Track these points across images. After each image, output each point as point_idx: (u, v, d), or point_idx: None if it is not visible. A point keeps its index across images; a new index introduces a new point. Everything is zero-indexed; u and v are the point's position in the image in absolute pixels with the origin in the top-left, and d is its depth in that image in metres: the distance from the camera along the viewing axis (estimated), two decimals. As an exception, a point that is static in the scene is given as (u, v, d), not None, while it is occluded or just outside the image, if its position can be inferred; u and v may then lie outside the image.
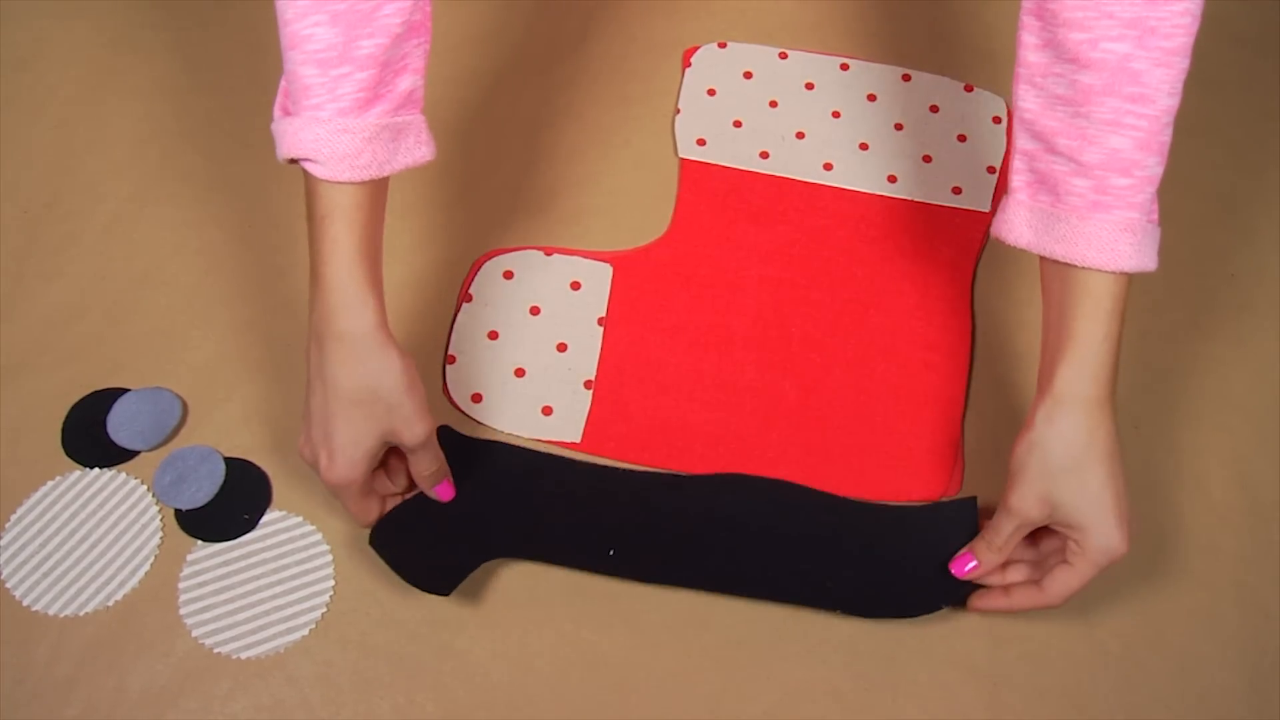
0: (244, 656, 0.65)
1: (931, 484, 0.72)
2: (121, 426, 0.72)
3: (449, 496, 0.67)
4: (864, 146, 0.86)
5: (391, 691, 0.64)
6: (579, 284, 0.79)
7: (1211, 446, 0.74)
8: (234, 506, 0.69)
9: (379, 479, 0.67)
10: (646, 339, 0.77)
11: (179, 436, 0.72)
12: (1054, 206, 0.60)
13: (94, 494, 0.70)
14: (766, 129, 0.87)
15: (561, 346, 0.76)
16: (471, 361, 0.76)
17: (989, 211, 0.83)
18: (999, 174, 0.85)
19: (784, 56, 0.91)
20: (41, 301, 0.77)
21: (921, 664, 0.66)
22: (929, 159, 0.85)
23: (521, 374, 0.75)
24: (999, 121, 0.87)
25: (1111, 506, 0.60)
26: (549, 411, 0.74)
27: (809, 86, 0.89)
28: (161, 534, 0.69)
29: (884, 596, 0.67)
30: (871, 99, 0.89)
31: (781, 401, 0.75)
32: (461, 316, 0.78)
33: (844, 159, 0.85)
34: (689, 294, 0.79)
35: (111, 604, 0.66)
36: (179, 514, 0.69)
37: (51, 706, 0.63)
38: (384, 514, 0.67)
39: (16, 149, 0.84)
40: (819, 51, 0.91)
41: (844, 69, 0.90)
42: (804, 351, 0.77)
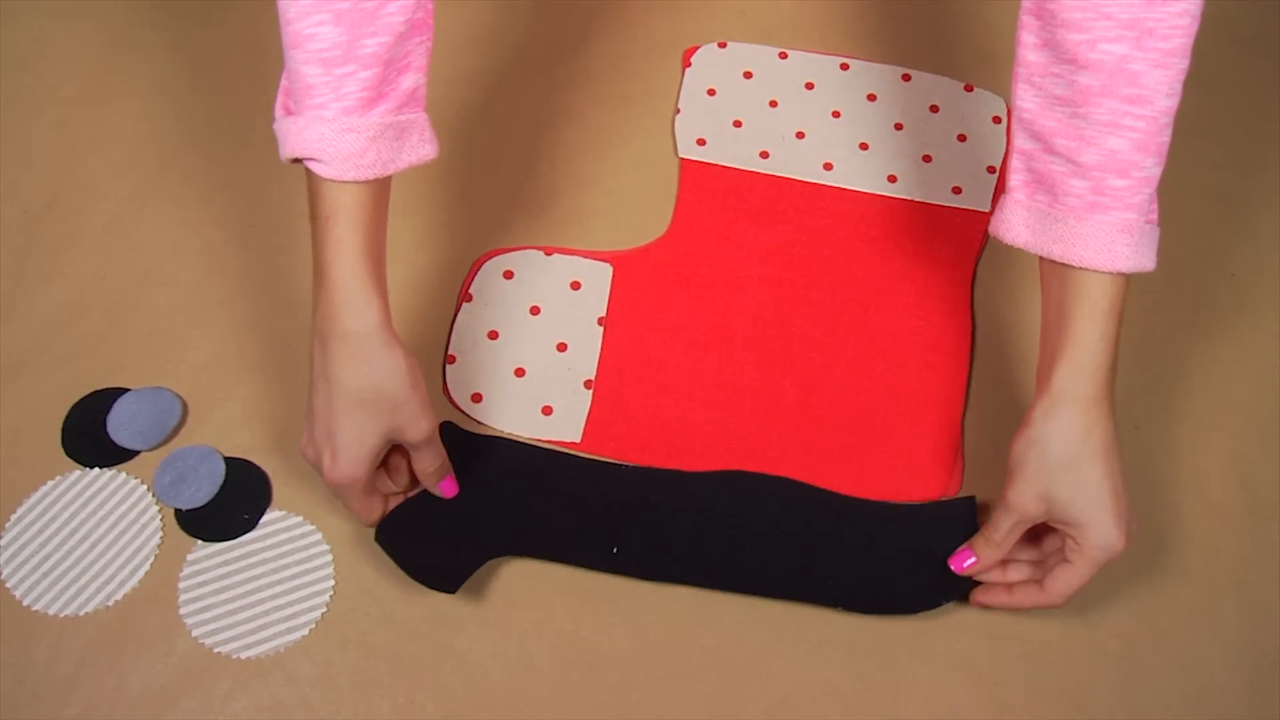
0: (244, 656, 0.65)
1: (931, 484, 0.72)
2: (121, 426, 0.72)
3: (452, 493, 0.67)
4: (864, 146, 0.86)
5: (391, 691, 0.64)
6: (579, 284, 0.79)
7: (1211, 446, 0.74)
8: (234, 506, 0.70)
9: (381, 478, 0.67)
10: (646, 339, 0.77)
11: (179, 436, 0.72)
12: (1052, 207, 0.61)
13: (94, 494, 0.70)
14: (766, 129, 0.87)
15: (561, 346, 0.76)
16: (471, 361, 0.76)
17: (989, 211, 0.83)
18: (999, 174, 0.85)
19: (784, 56, 0.91)
20: (41, 301, 0.77)
21: (921, 664, 0.66)
22: (929, 159, 0.85)
23: (521, 374, 0.75)
24: (999, 121, 0.87)
25: (1109, 503, 0.60)
26: (549, 411, 0.74)
27: (809, 86, 0.89)
28: (161, 534, 0.69)
29: (884, 592, 0.67)
30: (871, 99, 0.89)
31: (781, 401, 0.75)
32: (461, 316, 0.78)
33: (844, 159, 0.85)
34: (689, 294, 0.79)
35: (111, 604, 0.66)
36: (179, 514, 0.69)
37: (51, 706, 0.63)
38: (386, 513, 0.67)
39: (16, 149, 0.84)
40: (819, 51, 0.91)
41: (844, 69, 0.90)
42: (804, 351, 0.77)
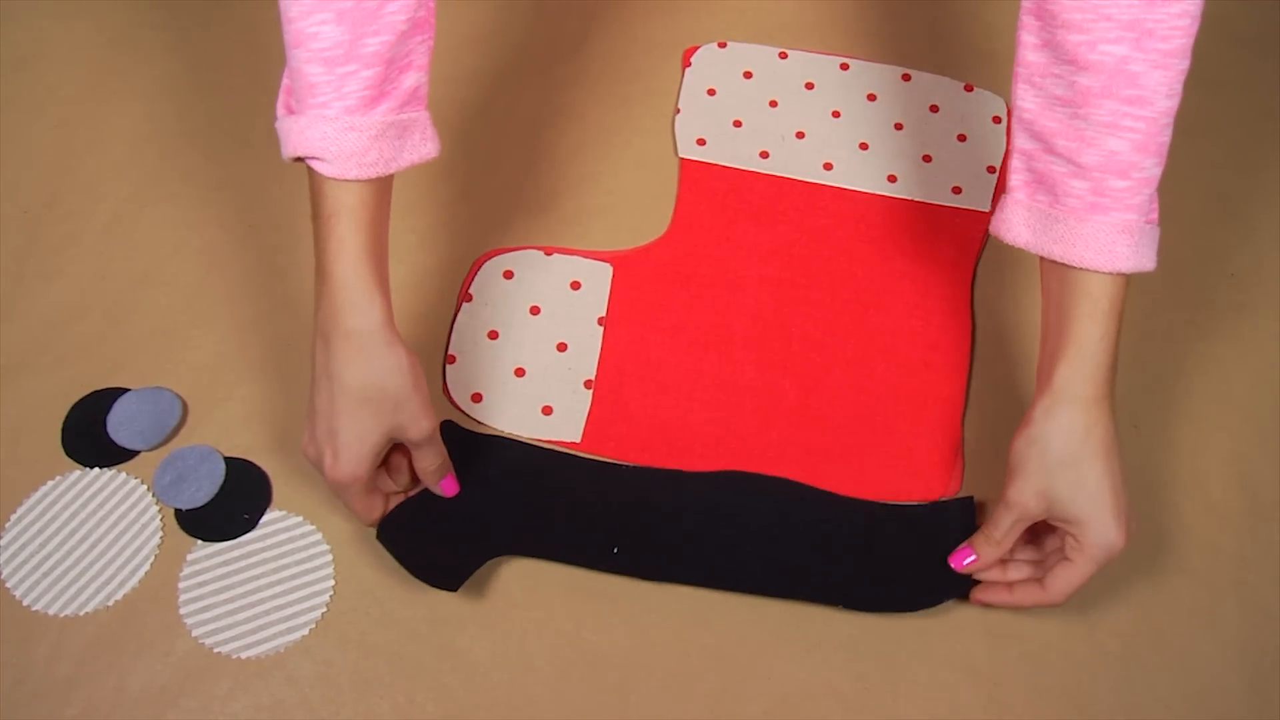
0: (244, 656, 0.65)
1: (931, 484, 0.72)
2: (121, 426, 0.72)
3: (454, 491, 0.67)
4: (864, 146, 0.86)
5: (391, 691, 0.64)
6: (579, 284, 0.79)
7: (1211, 446, 0.74)
8: (234, 506, 0.69)
9: (382, 477, 0.67)
10: (646, 339, 0.77)
11: (179, 436, 0.72)
12: (1052, 207, 0.61)
13: (94, 494, 0.70)
14: (766, 129, 0.87)
15: (561, 346, 0.76)
16: (472, 361, 0.76)
17: (989, 211, 0.83)
18: (999, 174, 0.85)
19: (784, 56, 0.91)
20: (41, 301, 0.77)
21: (921, 664, 0.66)
22: (929, 159, 0.85)
23: (521, 374, 0.75)
24: (999, 121, 0.87)
25: (1109, 501, 0.60)
26: (549, 411, 0.74)
27: (809, 86, 0.89)
28: (161, 534, 0.69)
29: (884, 591, 0.67)
30: (871, 99, 0.89)
31: (781, 401, 0.75)
32: (462, 316, 0.78)
33: (844, 159, 0.85)
34: (689, 294, 0.79)
35: (111, 604, 0.66)
36: (179, 514, 0.69)
37: (51, 706, 0.63)
38: (386, 512, 0.67)
39: (16, 149, 0.84)
40: (819, 51, 0.91)
41: (844, 69, 0.90)
42: (804, 351, 0.77)
